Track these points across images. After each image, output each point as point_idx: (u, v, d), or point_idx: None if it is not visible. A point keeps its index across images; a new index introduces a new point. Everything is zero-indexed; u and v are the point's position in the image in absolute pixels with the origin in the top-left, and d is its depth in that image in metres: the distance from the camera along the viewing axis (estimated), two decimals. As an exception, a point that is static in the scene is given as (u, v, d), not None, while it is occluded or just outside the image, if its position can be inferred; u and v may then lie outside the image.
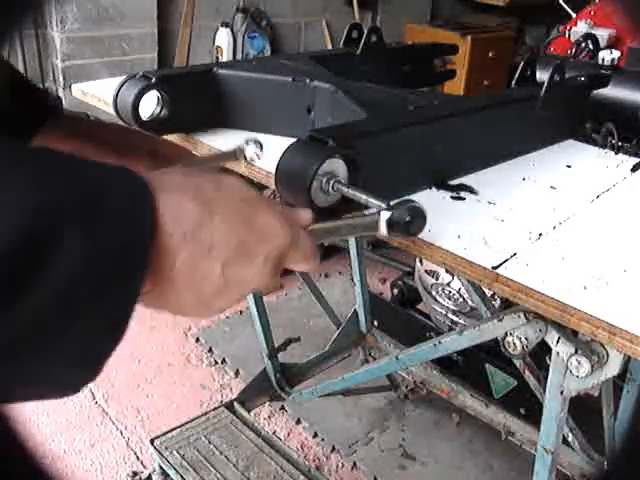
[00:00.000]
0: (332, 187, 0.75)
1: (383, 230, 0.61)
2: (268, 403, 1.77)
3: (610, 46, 1.69)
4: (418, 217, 0.63)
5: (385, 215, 0.61)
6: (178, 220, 0.43)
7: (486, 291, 1.27)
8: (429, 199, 0.89)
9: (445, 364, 1.75)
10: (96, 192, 0.39)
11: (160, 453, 1.50)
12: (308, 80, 1.02)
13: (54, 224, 0.36)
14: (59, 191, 0.37)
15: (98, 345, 0.41)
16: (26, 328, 0.36)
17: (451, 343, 1.09)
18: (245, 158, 0.78)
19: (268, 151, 0.81)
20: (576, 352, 0.77)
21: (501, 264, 0.74)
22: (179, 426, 1.57)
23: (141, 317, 2.19)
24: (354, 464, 1.82)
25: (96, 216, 0.38)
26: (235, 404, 1.63)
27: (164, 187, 0.43)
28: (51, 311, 0.37)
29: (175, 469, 1.46)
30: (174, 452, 1.50)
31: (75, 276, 0.37)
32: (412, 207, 0.63)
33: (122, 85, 0.96)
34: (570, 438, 1.27)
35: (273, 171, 0.78)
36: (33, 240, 0.35)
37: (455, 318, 1.77)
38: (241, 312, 2.42)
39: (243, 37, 3.43)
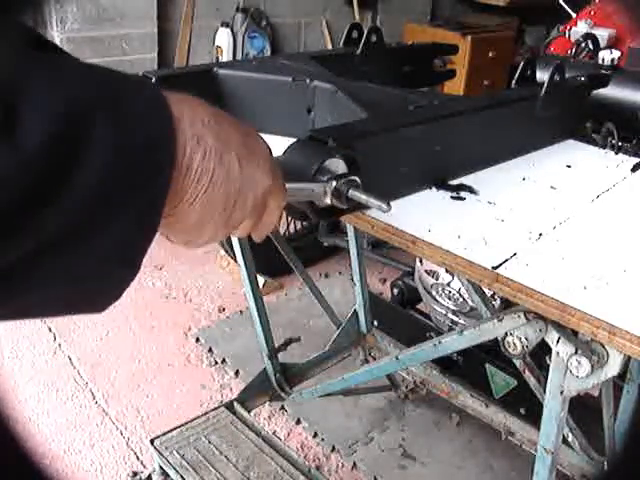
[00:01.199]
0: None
1: (327, 198, 0.71)
2: (268, 403, 1.77)
3: (610, 46, 1.69)
4: (355, 188, 0.71)
5: (332, 184, 0.70)
6: (195, 114, 0.46)
7: (486, 291, 1.27)
8: (429, 199, 0.89)
9: (445, 364, 1.75)
10: (124, 94, 0.41)
11: (160, 453, 1.50)
12: (308, 80, 1.02)
13: (86, 113, 0.37)
14: (90, 92, 0.39)
15: (135, 238, 0.43)
16: (71, 219, 0.38)
17: (451, 343, 1.09)
18: None
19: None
20: (576, 352, 0.77)
21: (501, 264, 0.74)
22: (179, 426, 1.57)
23: (141, 317, 2.20)
24: (354, 464, 1.82)
25: (124, 108, 0.40)
26: (235, 404, 1.63)
27: (175, 96, 0.46)
28: (92, 201, 0.38)
29: (175, 469, 1.46)
30: (174, 452, 1.50)
31: (107, 168, 0.38)
32: (351, 180, 0.71)
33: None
34: (570, 438, 1.27)
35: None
36: (66, 137, 0.36)
37: (455, 318, 1.77)
38: (241, 312, 2.42)
39: (243, 37, 3.43)
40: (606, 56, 1.27)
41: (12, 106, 0.35)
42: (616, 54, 1.29)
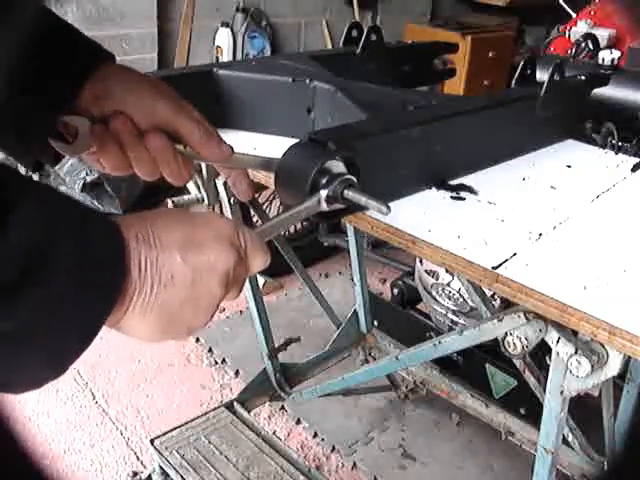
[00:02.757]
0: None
1: (324, 206, 0.70)
2: (268, 403, 1.77)
3: (610, 46, 1.69)
4: (350, 187, 0.71)
5: (323, 193, 0.69)
6: (130, 229, 0.49)
7: (486, 291, 1.27)
8: (429, 199, 0.89)
9: (445, 364, 1.75)
10: (82, 221, 0.47)
11: (160, 453, 1.50)
12: (308, 80, 1.02)
13: (52, 237, 0.43)
14: (59, 213, 0.45)
15: (69, 347, 0.46)
16: (22, 320, 0.42)
17: (451, 343, 1.09)
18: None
19: (268, 152, 0.81)
20: (576, 352, 0.77)
21: (501, 264, 0.74)
22: (179, 426, 1.57)
23: (141, 317, 2.14)
24: (354, 464, 1.82)
25: (82, 237, 0.45)
26: (235, 404, 1.63)
27: (131, 231, 0.49)
28: (43, 309, 0.43)
29: (175, 469, 1.46)
30: (174, 452, 1.50)
31: (65, 283, 0.44)
32: (345, 179, 0.70)
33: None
34: (570, 438, 1.27)
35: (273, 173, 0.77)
36: (36, 249, 0.42)
37: (455, 318, 1.77)
38: (241, 312, 2.42)
39: (243, 37, 3.43)
40: (606, 56, 1.27)
41: (5, 218, 0.41)
42: (616, 54, 1.29)
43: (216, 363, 2.18)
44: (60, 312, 0.44)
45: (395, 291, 2.11)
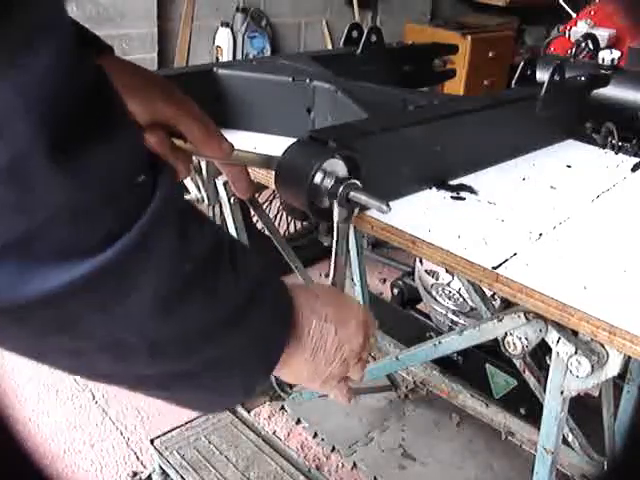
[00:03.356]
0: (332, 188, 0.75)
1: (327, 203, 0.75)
2: (268, 403, 1.77)
3: (610, 46, 1.68)
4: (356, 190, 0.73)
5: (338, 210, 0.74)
6: (306, 301, 0.62)
7: (486, 291, 1.27)
8: (429, 199, 0.89)
9: (445, 364, 1.75)
10: (272, 276, 0.59)
11: (160, 453, 1.50)
12: (308, 80, 1.02)
13: (262, 285, 0.55)
14: (264, 272, 0.56)
15: (258, 373, 0.57)
16: (238, 346, 0.53)
17: (451, 343, 1.09)
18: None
19: (268, 151, 0.81)
20: (576, 352, 0.77)
21: (501, 264, 0.74)
22: (179, 426, 1.57)
23: (141, 317, 2.14)
24: (354, 464, 1.82)
25: (275, 288, 0.59)
26: (235, 404, 1.63)
27: (297, 288, 0.64)
28: (250, 340, 0.53)
29: (175, 469, 1.46)
30: (174, 452, 1.50)
31: (264, 320, 0.55)
32: (351, 183, 0.73)
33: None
34: (570, 438, 1.27)
35: (273, 171, 0.77)
36: (255, 292, 0.53)
37: (455, 318, 1.77)
38: (241, 312, 2.41)
39: (243, 37, 3.43)
40: (606, 56, 1.27)
41: (235, 261, 0.52)
42: (616, 54, 1.29)
43: (216, 363, 2.18)
44: (261, 341, 0.54)
45: (395, 291, 2.11)
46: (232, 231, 1.33)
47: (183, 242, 0.45)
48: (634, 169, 1.06)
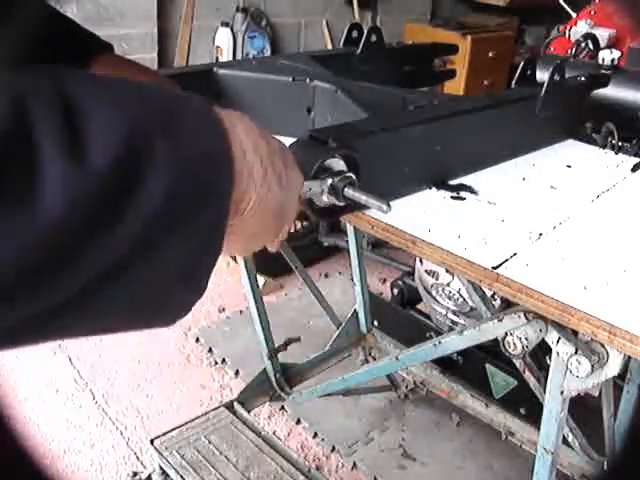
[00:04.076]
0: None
1: (324, 198, 0.73)
2: (268, 403, 1.77)
3: (610, 46, 1.68)
4: (351, 186, 0.72)
5: (329, 181, 0.71)
6: (248, 126, 0.48)
7: (486, 291, 1.27)
8: (429, 199, 0.89)
9: (445, 364, 1.75)
10: (177, 111, 0.42)
11: (160, 453, 1.50)
12: (308, 80, 1.02)
13: (146, 135, 0.38)
14: (147, 113, 0.40)
15: (199, 256, 0.43)
16: (137, 240, 0.38)
17: (451, 343, 1.09)
18: None
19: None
20: (576, 352, 0.77)
21: (501, 264, 0.74)
22: (179, 426, 1.57)
23: (141, 317, 2.14)
24: (354, 464, 1.82)
25: (180, 130, 0.40)
26: (235, 404, 1.63)
27: (224, 113, 0.46)
28: (153, 226, 0.38)
29: (175, 469, 1.46)
30: (174, 452, 1.50)
31: (170, 187, 0.38)
32: (346, 177, 0.71)
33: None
34: (570, 438, 1.27)
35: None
36: (130, 157, 0.36)
37: (455, 318, 1.77)
38: (241, 312, 2.41)
39: (243, 37, 3.42)
40: (606, 56, 1.28)
41: (76, 129, 0.35)
42: (616, 54, 1.29)
43: (216, 363, 2.18)
44: (177, 216, 0.40)
45: (395, 291, 2.11)
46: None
47: None
48: (634, 169, 1.06)
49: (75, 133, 0.35)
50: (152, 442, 1.53)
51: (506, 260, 0.75)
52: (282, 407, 1.95)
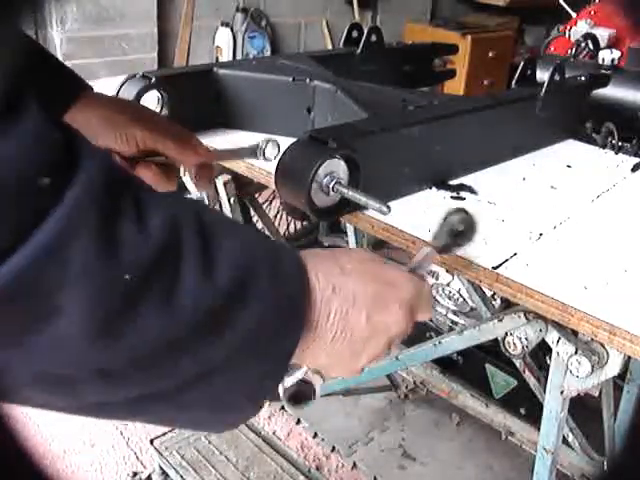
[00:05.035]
0: (332, 188, 0.75)
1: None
2: (268, 403, 1.77)
3: (610, 46, 1.68)
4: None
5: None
6: (326, 278, 0.51)
7: (486, 291, 1.27)
8: (429, 199, 0.89)
9: (445, 364, 1.74)
10: (275, 257, 0.48)
11: (160, 453, 1.50)
12: (308, 80, 1.02)
13: (253, 272, 0.45)
14: (259, 251, 0.47)
15: (267, 381, 0.49)
16: (228, 354, 0.44)
17: (451, 343, 1.09)
18: (264, 156, 0.78)
19: (268, 151, 0.81)
20: (576, 352, 0.77)
21: (501, 264, 0.74)
22: (179, 426, 1.57)
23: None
24: (354, 464, 1.82)
25: (277, 273, 0.47)
26: (235, 404, 1.63)
27: (311, 256, 0.52)
28: (248, 340, 0.44)
29: (175, 469, 1.46)
30: (174, 452, 1.50)
31: (262, 314, 0.45)
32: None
33: (122, 85, 0.96)
34: (570, 438, 1.27)
35: (273, 171, 0.78)
36: (241, 282, 0.43)
37: (455, 318, 1.77)
38: (241, 312, 2.41)
39: (243, 37, 3.43)
40: (606, 56, 1.28)
41: (210, 253, 0.42)
42: (616, 54, 1.29)
43: (216, 363, 2.18)
44: (259, 342, 0.45)
45: (395, 291, 2.10)
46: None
47: (111, 249, 0.37)
48: (634, 169, 1.06)
49: (208, 255, 0.42)
50: (152, 442, 1.53)
51: (506, 260, 0.75)
52: (282, 407, 1.95)
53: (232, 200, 1.25)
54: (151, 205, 0.40)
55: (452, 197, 0.90)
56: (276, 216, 2.61)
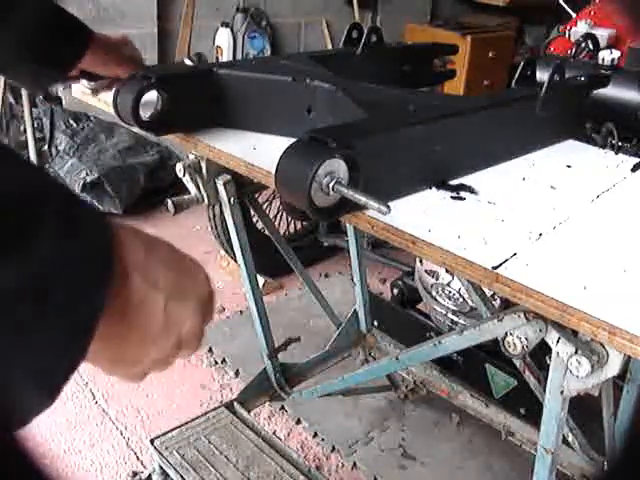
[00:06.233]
0: (332, 188, 0.75)
1: None
2: (268, 403, 1.77)
3: (610, 46, 1.68)
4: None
5: None
6: (134, 247, 0.45)
7: (486, 291, 1.27)
8: (429, 199, 0.89)
9: (445, 364, 1.75)
10: (75, 201, 0.41)
11: (160, 453, 1.50)
12: (308, 80, 1.02)
13: (39, 205, 0.37)
14: (47, 188, 0.39)
15: (59, 361, 0.39)
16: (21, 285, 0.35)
17: (451, 343, 1.09)
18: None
19: (268, 151, 0.81)
20: (576, 352, 0.77)
21: (501, 264, 0.74)
22: (179, 426, 1.57)
23: (141, 317, 2.13)
24: (354, 464, 1.82)
25: (73, 218, 0.39)
26: (235, 404, 1.63)
27: (120, 225, 0.45)
28: (26, 291, 0.35)
29: (175, 469, 1.46)
30: (174, 452, 1.50)
31: (49, 263, 0.36)
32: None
33: (122, 85, 0.96)
34: (570, 438, 1.27)
35: (273, 171, 0.78)
36: (23, 209, 0.35)
37: (455, 318, 1.77)
38: (241, 312, 2.42)
39: (243, 37, 3.43)
40: (606, 56, 1.28)
41: None
42: (616, 54, 1.29)
43: (216, 363, 2.18)
44: (62, 316, 0.37)
45: (395, 291, 2.11)
46: (232, 231, 1.33)
47: None
48: (634, 169, 1.06)
49: None
50: (152, 442, 1.53)
51: (506, 260, 0.75)
52: (282, 407, 1.96)
53: (232, 200, 1.25)
54: None
55: (452, 197, 0.90)
56: (276, 216, 2.62)
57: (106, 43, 1.08)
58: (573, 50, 1.55)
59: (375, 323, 1.88)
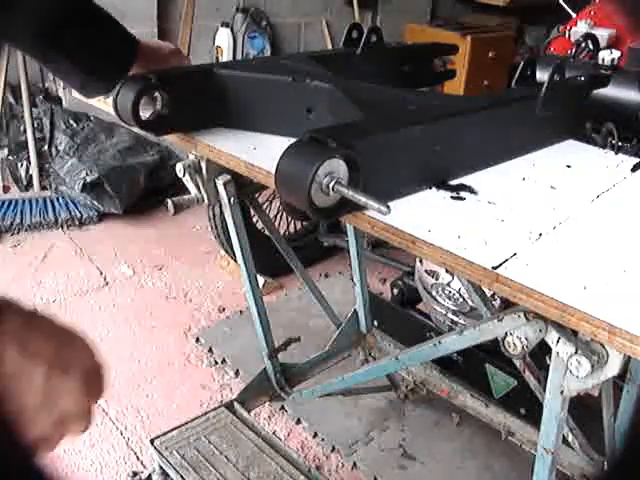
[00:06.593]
0: (332, 188, 0.75)
1: None
2: (268, 403, 1.77)
3: (610, 46, 1.68)
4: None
5: None
6: (9, 318, 0.43)
7: (486, 291, 1.27)
8: (429, 199, 0.89)
9: (445, 364, 1.75)
10: None
11: (160, 453, 1.50)
12: (308, 80, 1.02)
13: None
14: None
15: None
16: None
17: (451, 343, 1.09)
18: None
19: (268, 151, 0.81)
20: (576, 352, 0.77)
21: (501, 264, 0.74)
22: (179, 426, 1.57)
23: (141, 317, 2.19)
24: (354, 464, 1.82)
25: None
26: (235, 404, 1.63)
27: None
28: None
29: (175, 469, 1.46)
30: (174, 452, 1.50)
31: None
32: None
33: (122, 85, 0.96)
34: (570, 438, 1.27)
35: (273, 171, 0.78)
36: None
37: (455, 318, 1.77)
38: (241, 312, 2.41)
39: (243, 37, 3.43)
40: (606, 56, 1.28)
41: None
42: (616, 54, 1.29)
43: (216, 363, 2.18)
44: None
45: (395, 291, 2.11)
46: (232, 231, 1.33)
47: None
48: (634, 169, 1.06)
49: None
50: (152, 442, 1.53)
51: (506, 260, 0.75)
52: (282, 407, 1.95)
53: (232, 200, 1.25)
54: None
55: (452, 197, 0.90)
56: (276, 216, 2.62)
57: (154, 54, 1.08)
58: (573, 50, 1.55)
59: (375, 323, 1.88)
